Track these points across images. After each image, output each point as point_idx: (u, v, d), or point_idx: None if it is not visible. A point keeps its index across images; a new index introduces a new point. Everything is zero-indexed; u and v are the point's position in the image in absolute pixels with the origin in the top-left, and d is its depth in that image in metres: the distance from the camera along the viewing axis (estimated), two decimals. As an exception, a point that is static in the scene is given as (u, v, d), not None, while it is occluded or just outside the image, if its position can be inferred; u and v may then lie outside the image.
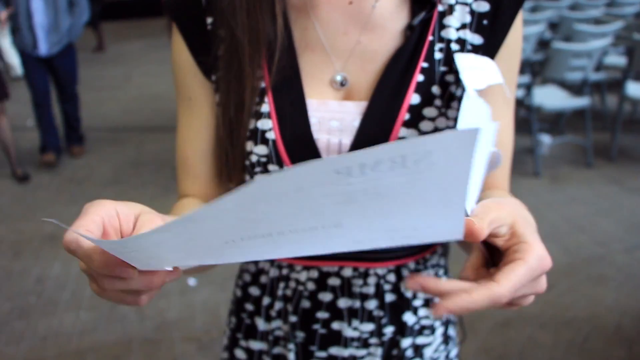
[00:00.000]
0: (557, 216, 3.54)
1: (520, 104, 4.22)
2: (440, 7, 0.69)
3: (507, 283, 0.45)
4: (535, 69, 4.47)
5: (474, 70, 0.63)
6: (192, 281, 2.93)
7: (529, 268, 0.46)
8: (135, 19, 15.41)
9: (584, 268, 2.98)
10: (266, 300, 0.85)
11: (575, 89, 4.49)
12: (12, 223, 3.73)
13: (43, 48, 4.39)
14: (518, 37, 0.71)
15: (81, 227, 0.44)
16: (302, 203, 0.37)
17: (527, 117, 4.34)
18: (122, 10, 15.46)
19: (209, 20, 0.72)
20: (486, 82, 0.62)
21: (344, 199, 0.37)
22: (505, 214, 0.48)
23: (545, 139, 4.43)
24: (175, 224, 0.39)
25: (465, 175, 0.36)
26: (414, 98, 0.67)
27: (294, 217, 0.39)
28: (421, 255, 0.81)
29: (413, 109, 0.67)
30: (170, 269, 0.48)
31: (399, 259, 0.78)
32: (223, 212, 0.38)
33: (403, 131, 0.67)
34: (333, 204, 0.37)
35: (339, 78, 0.70)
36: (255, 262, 0.86)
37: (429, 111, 0.67)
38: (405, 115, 0.67)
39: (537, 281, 0.49)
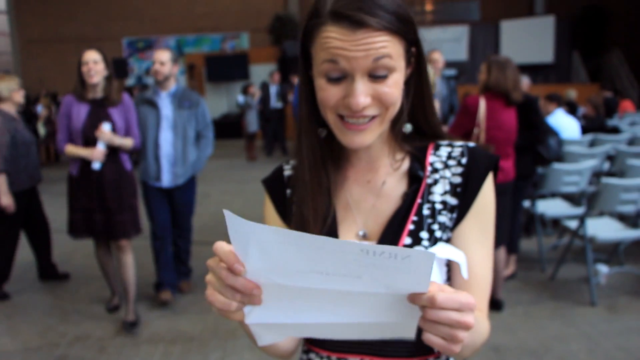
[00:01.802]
0: (613, 346, 3.57)
1: (574, 234, 4.38)
2: (428, 180, 1.06)
3: (447, 292, 0.74)
4: (592, 201, 4.65)
5: (445, 250, 0.98)
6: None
7: (460, 294, 0.74)
8: (216, 139, 16.43)
9: (640, 399, 3.00)
10: None
11: (632, 219, 4.61)
12: (98, 320, 4.15)
13: (166, 179, 4.29)
14: (487, 201, 1.05)
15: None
16: (341, 258, 0.70)
17: (583, 247, 4.47)
18: (205, 131, 16.48)
19: (288, 191, 1.13)
20: (449, 256, 0.97)
21: (360, 265, 0.71)
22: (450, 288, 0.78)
23: (602, 269, 4.53)
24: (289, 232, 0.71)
25: (426, 277, 0.71)
26: (406, 240, 1.01)
27: (336, 264, 0.71)
28: (424, 358, 1.06)
29: (406, 247, 0.97)
30: (258, 285, 0.77)
31: (407, 357, 1.05)
32: (300, 242, 0.71)
33: None
34: (355, 265, 0.71)
35: (361, 233, 1.07)
36: (306, 353, 1.15)
37: (418, 249, 0.98)
38: None
39: (465, 313, 0.74)
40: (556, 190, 4.91)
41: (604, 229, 4.34)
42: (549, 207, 5.11)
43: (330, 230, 1.05)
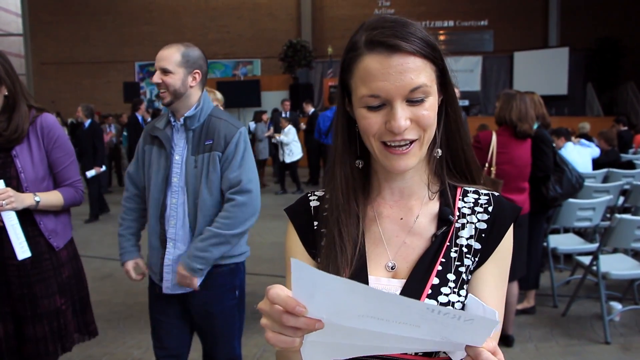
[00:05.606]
0: (627, 387, 3.48)
1: (588, 270, 4.29)
2: (457, 224, 1.10)
3: (497, 356, 0.81)
4: (605, 237, 4.57)
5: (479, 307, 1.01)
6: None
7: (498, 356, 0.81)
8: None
9: None
10: None
11: (647, 257, 4.51)
12: None
13: (168, 280, 2.46)
14: (506, 248, 1.10)
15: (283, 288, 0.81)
16: (405, 310, 0.75)
17: (597, 283, 4.37)
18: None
19: (316, 223, 1.15)
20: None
21: (422, 317, 0.75)
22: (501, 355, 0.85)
23: (616, 306, 4.43)
24: (345, 280, 0.74)
25: (483, 337, 0.78)
26: (434, 280, 1.04)
27: (398, 314, 0.75)
28: None
29: (434, 287, 1.04)
30: (320, 319, 0.79)
31: None
32: (367, 294, 0.75)
33: (427, 301, 1.02)
34: (417, 317, 0.75)
35: (390, 264, 1.10)
36: None
37: (445, 289, 1.04)
38: (428, 291, 1.03)
39: None
40: (569, 225, 4.84)
41: (617, 265, 4.25)
42: (562, 242, 5.03)
43: (360, 262, 1.08)
